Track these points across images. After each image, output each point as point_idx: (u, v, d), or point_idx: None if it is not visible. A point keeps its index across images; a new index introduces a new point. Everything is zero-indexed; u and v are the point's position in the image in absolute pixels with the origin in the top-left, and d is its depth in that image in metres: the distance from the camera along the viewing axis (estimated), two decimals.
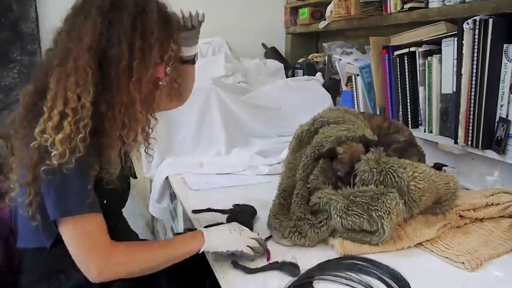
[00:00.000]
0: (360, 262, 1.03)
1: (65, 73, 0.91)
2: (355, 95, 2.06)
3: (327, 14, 2.26)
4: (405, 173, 1.11)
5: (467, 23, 1.36)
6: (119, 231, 1.10)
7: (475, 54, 1.36)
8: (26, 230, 1.01)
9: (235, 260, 1.04)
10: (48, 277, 1.00)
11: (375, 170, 1.11)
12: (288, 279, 0.97)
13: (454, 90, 1.48)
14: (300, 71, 2.62)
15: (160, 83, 1.04)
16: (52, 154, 0.86)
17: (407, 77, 1.71)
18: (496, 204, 1.25)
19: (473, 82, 1.38)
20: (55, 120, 0.88)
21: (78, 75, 0.90)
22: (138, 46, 0.92)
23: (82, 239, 0.92)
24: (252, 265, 1.03)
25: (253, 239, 1.06)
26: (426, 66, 1.63)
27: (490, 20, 1.30)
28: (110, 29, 0.92)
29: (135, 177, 1.21)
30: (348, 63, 2.09)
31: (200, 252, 1.02)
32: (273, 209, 1.21)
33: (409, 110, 1.73)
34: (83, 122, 0.89)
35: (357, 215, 1.07)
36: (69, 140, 0.87)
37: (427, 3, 1.57)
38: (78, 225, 0.92)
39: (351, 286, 0.95)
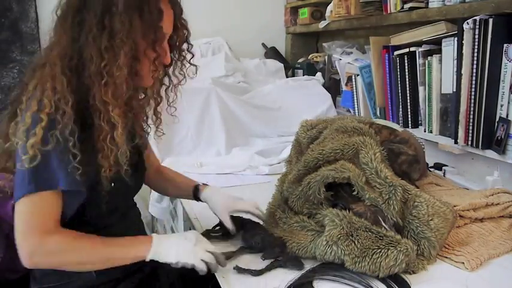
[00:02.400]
0: None
1: (44, 78, 0.91)
2: (355, 95, 2.06)
3: (327, 13, 2.26)
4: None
5: (467, 23, 1.36)
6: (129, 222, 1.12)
7: (475, 54, 1.36)
8: None
9: (238, 265, 1.01)
10: (60, 272, 0.99)
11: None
12: (288, 279, 0.96)
13: (454, 90, 1.48)
14: (300, 71, 2.62)
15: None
16: (23, 157, 0.86)
17: (407, 77, 1.71)
18: (496, 204, 1.25)
19: (473, 82, 1.38)
20: (27, 123, 0.88)
21: (55, 81, 0.90)
22: (105, 46, 0.89)
23: (23, 218, 0.90)
24: (253, 266, 1.02)
25: (210, 252, 0.98)
26: (426, 66, 1.63)
27: (490, 20, 1.30)
28: (80, 31, 0.91)
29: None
30: (348, 63, 2.09)
31: (147, 260, 0.95)
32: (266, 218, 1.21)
33: (409, 110, 1.73)
34: (64, 126, 0.88)
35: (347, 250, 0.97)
36: (42, 143, 0.87)
37: (427, 3, 1.57)
38: (24, 204, 0.90)
39: (351, 286, 0.95)
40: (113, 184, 0.96)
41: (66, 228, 0.94)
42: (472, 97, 1.39)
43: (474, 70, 1.37)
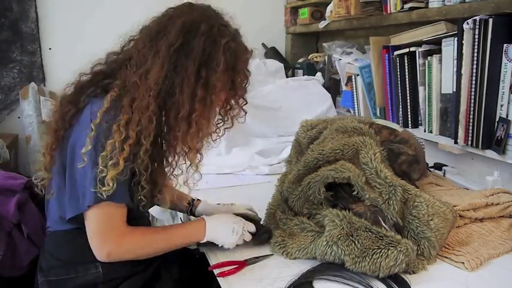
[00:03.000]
0: None
1: (129, 108, 0.94)
2: (355, 95, 2.06)
3: (327, 14, 2.26)
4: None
5: (467, 23, 1.36)
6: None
7: (475, 54, 1.36)
8: (56, 211, 1.05)
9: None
10: (67, 265, 1.02)
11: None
12: (288, 279, 0.96)
13: (454, 90, 1.48)
14: (300, 71, 2.62)
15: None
16: (103, 189, 0.91)
17: (407, 77, 1.71)
18: (496, 204, 1.25)
19: (473, 82, 1.38)
20: (112, 155, 0.91)
21: (143, 116, 0.93)
22: (200, 97, 0.95)
23: (102, 223, 0.96)
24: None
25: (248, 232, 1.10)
26: (426, 66, 1.63)
27: (490, 20, 1.30)
28: (175, 74, 0.95)
29: None
30: (348, 63, 2.09)
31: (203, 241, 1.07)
32: (266, 218, 1.22)
33: (409, 110, 1.73)
34: (141, 161, 0.94)
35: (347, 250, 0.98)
36: (120, 174, 0.92)
37: (427, 3, 1.57)
38: (100, 209, 0.95)
39: (351, 286, 0.95)
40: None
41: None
42: (472, 97, 1.39)
43: (474, 70, 1.37)
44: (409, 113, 1.73)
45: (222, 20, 1.05)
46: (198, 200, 1.32)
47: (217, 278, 1.02)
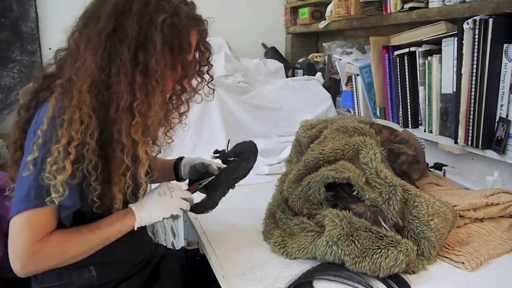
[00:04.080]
0: None
1: (69, 107, 0.87)
2: (355, 95, 2.06)
3: (327, 13, 2.26)
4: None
5: (467, 23, 1.36)
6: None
7: (475, 54, 1.36)
8: None
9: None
10: (60, 271, 0.99)
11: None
12: (288, 279, 0.96)
13: (454, 90, 1.48)
14: (300, 71, 2.62)
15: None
16: (53, 196, 0.85)
17: (407, 77, 1.71)
18: (496, 204, 1.25)
19: (473, 82, 1.38)
20: (55, 157, 0.85)
21: (82, 113, 0.86)
22: (139, 84, 0.87)
23: (18, 231, 0.88)
24: None
25: (185, 199, 1.04)
26: (426, 66, 1.63)
27: (490, 20, 1.30)
28: (110, 63, 0.87)
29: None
30: (348, 63, 2.09)
31: (135, 229, 0.98)
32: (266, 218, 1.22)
33: (409, 110, 1.73)
34: (89, 161, 0.87)
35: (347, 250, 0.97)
36: (70, 178, 0.86)
37: (427, 3, 1.57)
38: (23, 218, 0.88)
39: (351, 286, 0.95)
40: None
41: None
42: (472, 97, 1.39)
43: (474, 70, 1.37)
44: (409, 113, 1.73)
45: None
46: (183, 158, 1.27)
47: (217, 278, 1.02)
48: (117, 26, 0.87)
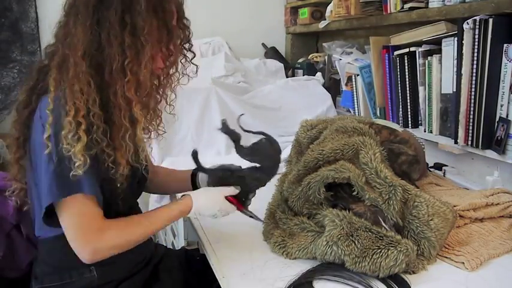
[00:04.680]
0: None
1: (67, 80, 0.90)
2: (355, 95, 2.06)
3: (327, 13, 2.26)
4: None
5: (467, 23, 1.36)
6: None
7: (475, 54, 1.36)
8: (39, 218, 1.00)
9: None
10: (60, 271, 1.00)
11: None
12: (288, 279, 0.96)
13: (454, 90, 1.48)
14: (300, 71, 2.62)
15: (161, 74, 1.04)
16: (76, 164, 0.87)
17: (407, 77, 1.71)
18: (496, 204, 1.25)
19: (473, 82, 1.38)
20: (68, 128, 0.87)
21: (80, 83, 0.89)
22: (128, 44, 0.90)
23: (76, 219, 0.92)
24: None
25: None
26: (426, 66, 1.63)
27: (490, 20, 1.30)
28: (99, 29, 0.90)
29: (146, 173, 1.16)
30: (348, 63, 2.09)
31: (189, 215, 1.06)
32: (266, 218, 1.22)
33: (409, 110, 1.73)
34: (97, 127, 0.90)
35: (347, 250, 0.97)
36: (87, 148, 0.88)
37: (427, 3, 1.57)
38: (71, 206, 0.91)
39: (351, 286, 0.95)
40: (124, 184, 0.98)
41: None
42: (472, 97, 1.39)
43: (474, 70, 1.37)
44: (409, 113, 1.73)
45: None
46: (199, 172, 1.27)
47: (217, 278, 1.02)
48: None
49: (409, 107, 1.73)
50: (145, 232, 1.01)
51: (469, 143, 1.43)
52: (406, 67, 1.70)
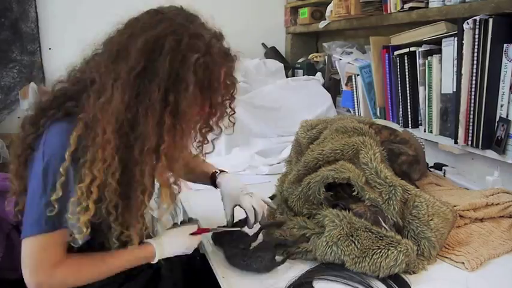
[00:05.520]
0: None
1: (91, 144, 0.84)
2: (355, 95, 2.06)
3: (327, 13, 2.26)
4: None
5: (467, 23, 1.36)
6: None
7: (475, 54, 1.36)
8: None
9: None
10: None
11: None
12: (288, 279, 0.96)
13: (454, 90, 1.48)
14: (300, 71, 2.62)
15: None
16: (77, 236, 0.87)
17: (407, 77, 1.71)
18: (496, 204, 1.25)
19: (473, 82, 1.38)
20: (79, 195, 0.84)
21: (105, 153, 0.83)
22: (168, 126, 0.83)
23: (34, 254, 0.87)
24: None
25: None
26: (426, 66, 1.62)
27: (490, 20, 1.30)
28: (138, 103, 0.82)
29: None
30: (348, 63, 2.09)
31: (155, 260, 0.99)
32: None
33: (409, 110, 1.73)
34: (111, 202, 0.86)
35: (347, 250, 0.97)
36: (93, 218, 0.86)
37: (427, 3, 1.57)
38: (36, 240, 0.87)
39: (351, 286, 0.95)
40: None
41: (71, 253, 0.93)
42: (472, 97, 1.39)
43: (474, 70, 1.37)
44: (409, 113, 1.73)
45: (195, 27, 0.89)
46: (222, 171, 1.23)
47: (217, 278, 1.02)
48: (147, 64, 0.83)
49: (409, 107, 1.73)
50: (99, 274, 0.94)
51: (469, 143, 1.43)
52: (406, 67, 1.70)
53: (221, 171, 1.25)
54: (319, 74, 2.45)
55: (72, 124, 0.86)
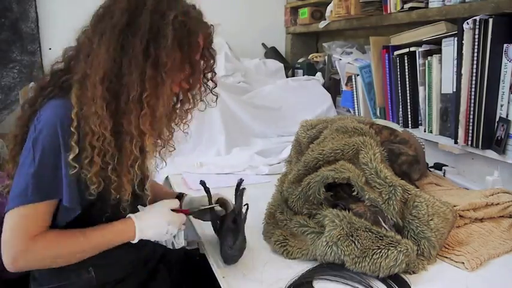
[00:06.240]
0: None
1: (85, 101, 0.89)
2: (355, 95, 2.06)
3: (327, 13, 2.26)
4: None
5: (467, 23, 1.36)
6: None
7: (475, 54, 1.36)
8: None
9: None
10: (58, 273, 0.99)
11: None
12: (288, 279, 0.96)
13: (454, 90, 1.48)
14: (300, 71, 2.62)
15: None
16: (92, 188, 0.90)
17: (407, 77, 1.71)
18: (496, 204, 1.25)
19: (473, 82, 1.38)
20: (88, 154, 0.88)
21: (97, 106, 0.88)
22: (149, 76, 0.89)
23: (13, 225, 0.89)
24: None
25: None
26: (426, 66, 1.63)
27: (490, 20, 1.30)
28: (122, 55, 0.89)
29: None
30: (348, 63, 2.09)
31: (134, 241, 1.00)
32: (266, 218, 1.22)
33: (409, 110, 1.73)
34: (107, 153, 0.90)
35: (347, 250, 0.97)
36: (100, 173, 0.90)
37: (427, 3, 1.57)
38: (19, 212, 0.89)
39: (351, 286, 0.95)
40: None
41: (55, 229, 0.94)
42: (472, 97, 1.39)
43: (474, 70, 1.37)
44: (409, 113, 1.73)
45: None
46: (184, 194, 1.26)
47: (217, 278, 1.02)
48: (130, 20, 0.90)
49: (409, 107, 1.73)
50: (80, 247, 0.94)
51: (469, 143, 1.43)
52: (406, 67, 1.70)
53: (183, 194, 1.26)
54: (319, 74, 2.45)
55: (67, 99, 0.92)
